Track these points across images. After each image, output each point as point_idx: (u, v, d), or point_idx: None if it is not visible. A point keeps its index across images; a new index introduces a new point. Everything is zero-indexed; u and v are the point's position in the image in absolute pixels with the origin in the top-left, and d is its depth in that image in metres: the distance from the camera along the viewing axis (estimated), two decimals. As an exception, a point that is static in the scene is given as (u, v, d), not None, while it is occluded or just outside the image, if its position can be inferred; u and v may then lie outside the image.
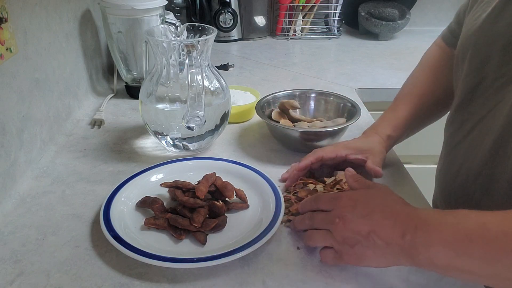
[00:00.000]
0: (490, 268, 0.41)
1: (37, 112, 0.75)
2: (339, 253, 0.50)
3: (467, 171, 0.59)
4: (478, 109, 0.58)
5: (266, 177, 0.67)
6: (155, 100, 0.73)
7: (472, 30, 0.59)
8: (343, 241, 0.49)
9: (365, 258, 0.48)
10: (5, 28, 0.64)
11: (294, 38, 1.57)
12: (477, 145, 0.57)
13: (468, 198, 0.59)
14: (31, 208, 0.64)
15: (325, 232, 0.52)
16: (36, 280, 0.52)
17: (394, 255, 0.46)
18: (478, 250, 0.41)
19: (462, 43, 0.62)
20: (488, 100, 0.56)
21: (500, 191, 0.54)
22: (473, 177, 0.58)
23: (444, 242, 0.43)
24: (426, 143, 1.12)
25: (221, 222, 0.59)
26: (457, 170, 0.61)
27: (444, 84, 0.73)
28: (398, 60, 1.35)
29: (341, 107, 0.85)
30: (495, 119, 0.54)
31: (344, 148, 0.69)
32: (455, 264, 0.43)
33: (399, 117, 0.74)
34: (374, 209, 0.49)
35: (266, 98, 0.86)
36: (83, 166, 0.75)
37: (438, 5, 1.66)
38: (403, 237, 0.45)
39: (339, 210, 0.50)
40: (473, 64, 0.58)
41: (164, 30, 0.76)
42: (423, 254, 0.44)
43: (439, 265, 0.44)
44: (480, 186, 0.57)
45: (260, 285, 0.51)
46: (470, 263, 0.42)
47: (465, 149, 0.60)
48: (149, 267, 0.53)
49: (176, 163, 0.72)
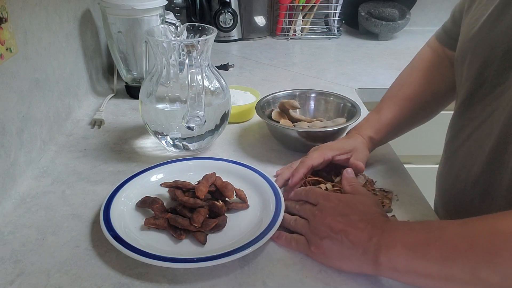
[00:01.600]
0: (446, 269, 0.42)
1: (37, 112, 0.75)
2: (308, 242, 0.54)
3: (466, 177, 0.59)
4: (477, 114, 0.57)
5: (266, 177, 0.67)
6: (155, 100, 0.73)
7: (471, 34, 0.58)
8: (315, 232, 0.53)
9: (330, 254, 0.51)
10: (5, 28, 0.64)
11: (294, 38, 1.57)
12: (475, 151, 0.57)
13: (467, 204, 0.59)
14: (31, 208, 0.64)
15: (304, 221, 0.56)
16: (36, 280, 0.52)
17: (358, 258, 0.49)
18: (434, 251, 0.43)
19: (461, 47, 0.61)
20: (487, 105, 0.55)
21: (498, 197, 0.53)
22: (472, 183, 0.57)
23: (404, 243, 0.45)
24: (426, 143, 1.12)
25: (221, 222, 0.59)
26: (456, 176, 0.61)
27: (433, 88, 0.72)
28: (398, 60, 1.35)
29: (341, 107, 0.85)
30: (493, 125, 0.54)
31: (329, 150, 0.69)
32: (414, 266, 0.44)
33: (382, 120, 0.73)
34: (353, 212, 0.52)
35: (266, 98, 0.86)
36: (83, 166, 0.75)
37: (438, 5, 1.66)
38: (370, 240, 0.48)
39: (323, 205, 0.54)
40: (472, 69, 0.58)
41: (164, 30, 0.76)
42: (385, 255, 0.46)
43: (399, 268, 0.45)
44: (479, 192, 0.56)
45: (260, 285, 0.51)
46: (427, 265, 0.43)
47: (464, 155, 0.59)
48: (149, 267, 0.53)
49: (176, 163, 0.72)
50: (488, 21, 0.55)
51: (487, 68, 0.55)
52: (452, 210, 0.63)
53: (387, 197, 0.66)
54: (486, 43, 0.55)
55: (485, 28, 0.56)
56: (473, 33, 0.58)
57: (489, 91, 0.55)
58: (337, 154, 0.68)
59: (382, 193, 0.67)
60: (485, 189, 0.55)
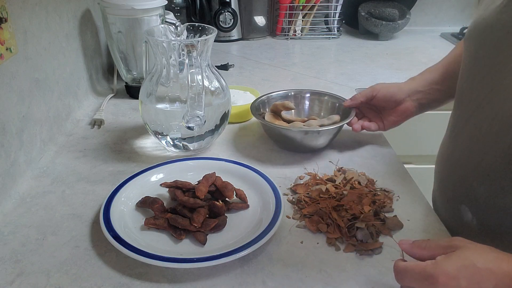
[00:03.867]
0: None
1: (37, 112, 0.75)
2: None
3: (466, 162, 0.59)
4: (475, 96, 0.58)
5: (266, 177, 0.67)
6: (155, 100, 0.73)
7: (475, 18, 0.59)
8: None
9: None
10: (5, 28, 0.64)
11: (294, 38, 1.57)
12: (475, 134, 0.57)
13: (467, 189, 0.59)
14: (31, 208, 0.64)
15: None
16: (36, 280, 0.52)
17: None
18: None
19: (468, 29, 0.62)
20: (484, 86, 0.56)
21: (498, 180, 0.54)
22: (473, 167, 0.57)
23: None
24: (426, 143, 1.12)
25: (221, 222, 0.59)
26: (457, 160, 0.61)
27: None
28: (398, 60, 1.35)
29: (336, 106, 0.85)
30: (492, 107, 0.54)
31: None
32: None
33: (423, 74, 0.78)
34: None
35: (261, 98, 0.85)
36: (83, 166, 0.75)
37: (438, 5, 1.66)
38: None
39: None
40: (470, 50, 0.59)
41: (164, 30, 0.76)
42: None
43: None
44: (479, 176, 0.56)
45: (260, 285, 0.51)
46: None
47: (464, 138, 0.60)
48: (149, 267, 0.53)
49: (176, 163, 0.72)
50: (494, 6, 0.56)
51: (482, 48, 0.56)
52: (451, 197, 0.63)
53: (388, 197, 0.66)
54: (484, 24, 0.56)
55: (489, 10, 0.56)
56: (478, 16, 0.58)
57: (486, 72, 0.56)
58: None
59: (383, 192, 0.67)
60: (486, 173, 0.55)
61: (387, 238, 0.58)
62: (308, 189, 0.67)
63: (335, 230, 0.59)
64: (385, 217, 0.61)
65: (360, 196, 0.64)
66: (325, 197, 0.64)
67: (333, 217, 0.60)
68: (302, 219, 0.62)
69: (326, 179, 0.69)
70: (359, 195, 0.64)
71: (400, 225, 0.61)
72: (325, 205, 0.62)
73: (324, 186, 0.66)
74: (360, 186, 0.67)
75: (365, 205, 0.62)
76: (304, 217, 0.62)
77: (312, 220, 0.60)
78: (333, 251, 0.56)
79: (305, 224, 0.60)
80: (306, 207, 0.63)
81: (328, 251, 0.56)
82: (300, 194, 0.66)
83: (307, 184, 0.68)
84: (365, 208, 0.61)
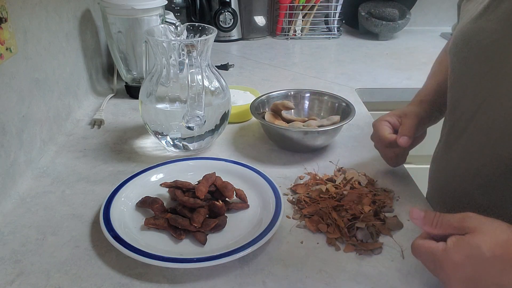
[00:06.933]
0: None
1: (37, 112, 0.75)
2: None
3: (465, 171, 0.59)
4: (469, 106, 0.57)
5: (266, 177, 0.67)
6: (155, 100, 0.73)
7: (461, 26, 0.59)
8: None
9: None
10: (5, 28, 0.64)
11: (294, 38, 1.57)
12: (472, 144, 0.57)
13: (467, 198, 0.59)
14: (31, 208, 0.64)
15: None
16: (36, 280, 0.52)
17: None
18: None
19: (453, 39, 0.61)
20: (477, 97, 0.56)
21: (498, 190, 0.54)
22: (471, 176, 0.58)
23: None
24: (425, 143, 1.12)
25: (221, 222, 0.59)
26: (454, 169, 0.61)
27: None
28: (398, 60, 1.35)
29: (336, 106, 0.85)
30: (487, 116, 0.54)
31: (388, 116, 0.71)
32: None
33: (427, 86, 0.75)
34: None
35: (260, 98, 0.85)
36: (83, 166, 0.75)
37: (438, 5, 1.66)
38: None
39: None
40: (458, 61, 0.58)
41: (164, 30, 0.76)
42: None
43: None
44: (479, 185, 0.57)
45: (260, 285, 0.51)
46: None
47: (461, 148, 0.60)
48: (149, 267, 0.53)
49: (176, 163, 0.72)
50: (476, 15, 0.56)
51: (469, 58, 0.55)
52: (450, 204, 0.63)
53: (388, 197, 0.66)
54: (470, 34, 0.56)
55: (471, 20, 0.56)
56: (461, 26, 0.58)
57: (478, 82, 0.55)
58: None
59: (384, 192, 0.67)
60: (487, 183, 0.55)
61: (387, 238, 0.58)
62: (308, 189, 0.67)
63: (335, 230, 0.59)
64: (385, 217, 0.61)
65: (360, 196, 0.64)
66: (325, 197, 0.64)
67: (333, 217, 0.60)
68: (302, 219, 0.62)
69: (326, 179, 0.69)
70: (359, 195, 0.64)
71: (400, 225, 0.61)
72: (325, 205, 0.62)
73: (324, 186, 0.66)
74: (360, 186, 0.67)
75: (365, 205, 0.62)
76: (304, 217, 0.62)
77: (312, 220, 0.60)
78: (333, 251, 0.56)
79: (305, 224, 0.60)
80: (306, 207, 0.63)
81: (328, 251, 0.56)
82: (300, 194, 0.66)
83: (307, 184, 0.68)
84: (365, 208, 0.61)
